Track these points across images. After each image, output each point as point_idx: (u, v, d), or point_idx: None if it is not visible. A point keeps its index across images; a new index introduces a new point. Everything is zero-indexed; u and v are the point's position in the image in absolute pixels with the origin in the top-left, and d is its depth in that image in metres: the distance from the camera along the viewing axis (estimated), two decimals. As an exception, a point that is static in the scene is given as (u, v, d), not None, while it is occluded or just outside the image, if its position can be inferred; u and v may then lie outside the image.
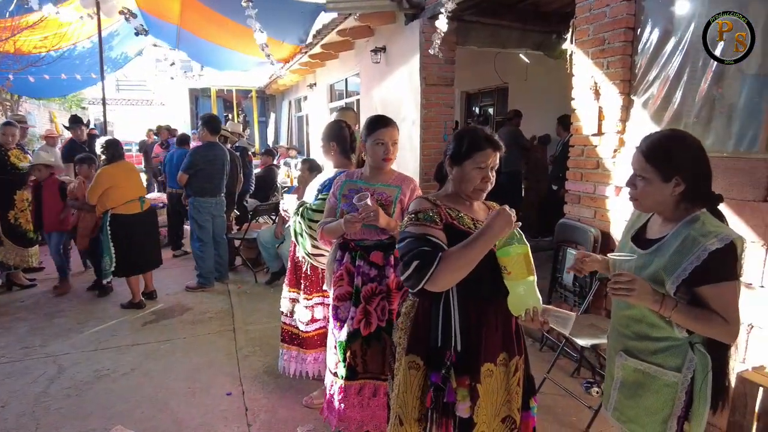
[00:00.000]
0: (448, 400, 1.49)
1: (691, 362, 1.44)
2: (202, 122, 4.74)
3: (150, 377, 3.18)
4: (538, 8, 5.73)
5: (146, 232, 4.34)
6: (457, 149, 1.60)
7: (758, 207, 2.33)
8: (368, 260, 2.22)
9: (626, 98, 2.98)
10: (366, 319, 2.18)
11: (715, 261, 1.33)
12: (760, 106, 2.37)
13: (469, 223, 1.58)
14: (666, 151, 1.42)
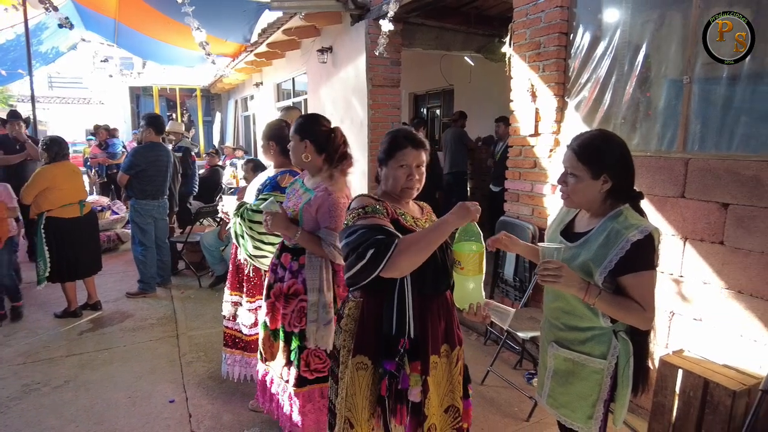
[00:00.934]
0: (402, 386, 1.50)
1: (615, 349, 1.53)
2: (146, 122, 4.55)
3: (86, 389, 3.03)
4: (481, 12, 5.90)
5: (85, 236, 4.12)
6: (382, 150, 1.64)
7: (677, 202, 2.50)
8: (280, 260, 2.23)
9: (561, 100, 3.12)
10: (273, 314, 2.21)
11: (637, 251, 1.43)
12: (677, 108, 2.55)
13: (410, 220, 1.61)
14: (596, 150, 1.50)
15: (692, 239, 2.45)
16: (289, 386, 2.15)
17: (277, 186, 2.54)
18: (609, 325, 1.53)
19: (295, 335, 2.11)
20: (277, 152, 2.66)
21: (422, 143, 1.62)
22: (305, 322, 2.07)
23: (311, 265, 2.08)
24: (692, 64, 2.46)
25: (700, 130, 2.48)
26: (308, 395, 2.14)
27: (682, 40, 2.52)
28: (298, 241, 2.05)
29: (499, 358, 3.20)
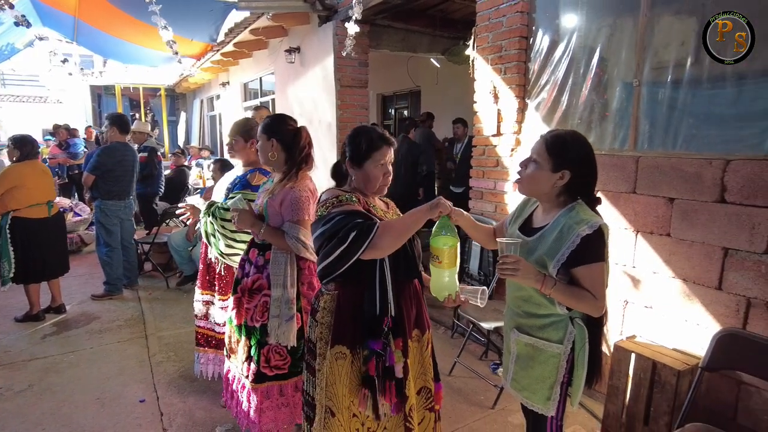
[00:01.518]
0: (389, 363, 1.54)
1: (571, 335, 1.64)
2: (110, 121, 4.48)
3: (52, 392, 2.98)
4: (446, 15, 6.04)
5: (52, 237, 4.02)
6: (356, 151, 1.65)
7: (629, 198, 2.67)
8: (248, 255, 2.27)
9: (521, 102, 3.27)
10: (239, 309, 2.24)
11: (587, 245, 1.51)
12: (628, 110, 2.72)
13: (381, 212, 1.69)
14: (564, 145, 1.58)
15: (643, 232, 2.62)
16: (247, 382, 2.18)
17: (247, 184, 2.57)
18: (565, 312, 1.63)
19: (256, 330, 2.14)
20: (254, 150, 2.66)
21: (394, 142, 1.69)
22: (267, 317, 2.11)
23: (276, 261, 2.11)
24: (641, 68, 2.64)
25: (648, 130, 2.65)
26: (266, 392, 2.16)
27: (632, 45, 2.69)
28: (264, 236, 2.10)
29: (466, 350, 3.32)
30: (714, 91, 2.37)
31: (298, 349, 2.14)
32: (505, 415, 2.75)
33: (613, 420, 2.49)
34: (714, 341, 1.99)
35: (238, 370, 2.28)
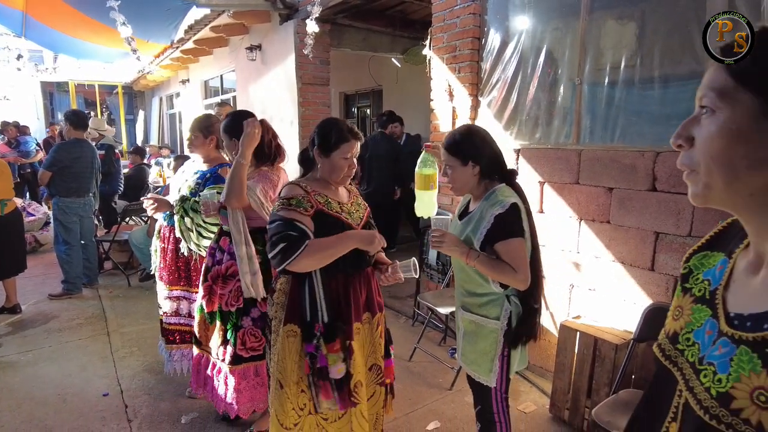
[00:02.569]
0: (321, 365, 1.70)
1: (507, 311, 1.80)
2: (65, 118, 4.44)
3: (10, 390, 2.95)
4: (405, 16, 6.19)
5: (3, 236, 3.92)
6: (325, 141, 1.76)
7: (573, 188, 2.87)
8: (219, 243, 2.36)
9: (474, 99, 3.44)
10: (209, 297, 2.32)
11: (500, 223, 1.71)
12: (572, 106, 2.92)
13: (336, 207, 1.79)
14: (457, 142, 1.80)
15: (586, 219, 2.82)
16: (224, 365, 2.27)
17: (219, 178, 2.59)
18: (501, 290, 1.79)
19: (232, 314, 2.24)
20: (214, 146, 2.72)
21: (361, 136, 1.81)
22: (242, 301, 2.21)
23: (234, 219, 2.19)
24: (582, 68, 2.84)
25: (589, 125, 2.86)
26: (243, 373, 2.27)
27: (574, 47, 2.90)
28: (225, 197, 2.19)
29: (425, 337, 3.47)
30: (645, 92, 2.59)
31: None
32: (462, 396, 2.91)
33: (560, 394, 2.68)
34: (643, 315, 2.20)
35: (213, 354, 2.34)
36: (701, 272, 0.71)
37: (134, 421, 2.64)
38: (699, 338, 0.65)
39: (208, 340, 2.35)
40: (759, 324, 0.57)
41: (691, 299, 0.70)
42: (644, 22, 2.63)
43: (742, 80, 0.57)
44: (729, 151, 0.58)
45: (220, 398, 2.30)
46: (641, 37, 2.61)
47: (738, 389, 0.55)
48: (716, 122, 0.59)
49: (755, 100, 0.56)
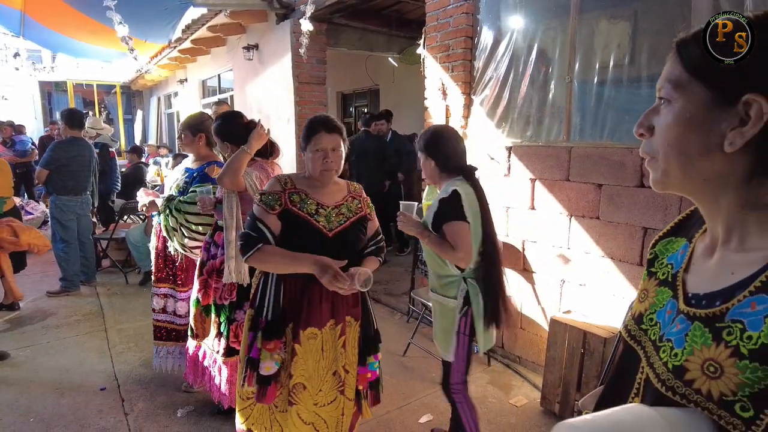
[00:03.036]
0: (252, 356, 1.72)
1: (462, 291, 2.00)
2: (61, 116, 4.50)
3: (7, 384, 2.98)
4: (401, 16, 6.23)
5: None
6: (303, 137, 1.78)
7: (563, 185, 2.91)
8: (213, 238, 2.41)
9: (467, 98, 3.48)
10: (205, 290, 2.38)
11: (443, 207, 1.96)
12: (562, 104, 2.97)
13: (311, 207, 1.72)
14: (422, 139, 2.10)
15: (576, 216, 2.87)
16: (219, 357, 2.31)
17: (206, 177, 2.65)
18: (458, 272, 2.00)
19: (225, 308, 2.28)
20: (204, 143, 2.75)
21: (336, 128, 1.74)
22: (235, 295, 2.25)
23: (228, 203, 2.25)
24: (572, 67, 2.89)
25: (579, 123, 2.90)
26: (235, 365, 2.30)
27: (565, 46, 2.94)
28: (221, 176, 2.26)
29: (419, 333, 3.51)
30: (633, 90, 2.65)
31: None
32: (455, 389, 2.95)
33: (551, 387, 2.72)
34: (630, 307, 2.24)
35: (208, 347, 2.39)
36: (666, 257, 0.75)
37: (131, 415, 2.67)
38: (660, 318, 0.69)
39: (205, 333, 2.39)
40: (712, 301, 0.61)
41: (656, 282, 0.74)
42: (633, 23, 2.68)
43: (694, 73, 0.61)
44: (683, 138, 0.62)
45: (216, 388, 2.35)
46: (630, 37, 2.66)
47: (691, 362, 0.59)
48: (672, 111, 0.62)
49: (706, 91, 0.60)
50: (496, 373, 3.16)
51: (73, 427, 2.57)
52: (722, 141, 0.58)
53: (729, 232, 0.64)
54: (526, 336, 3.21)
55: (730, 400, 0.54)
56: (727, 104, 0.58)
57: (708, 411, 0.56)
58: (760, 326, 0.53)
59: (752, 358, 0.53)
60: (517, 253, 3.18)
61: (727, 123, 0.58)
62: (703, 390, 0.57)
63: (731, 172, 0.60)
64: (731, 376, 0.54)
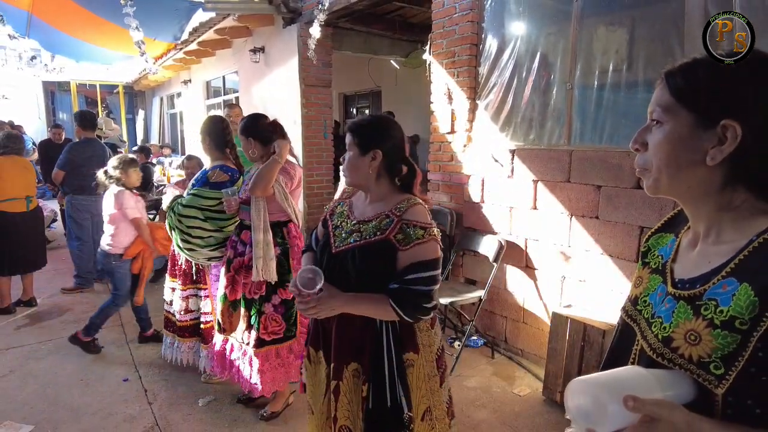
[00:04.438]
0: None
1: None
2: (74, 119, 4.67)
3: (34, 376, 3.12)
4: (405, 20, 6.37)
5: (29, 232, 4.10)
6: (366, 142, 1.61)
7: (564, 186, 3.07)
8: (240, 237, 2.55)
9: (472, 102, 3.63)
10: (232, 286, 2.52)
11: None
12: (563, 109, 3.12)
13: (338, 220, 1.57)
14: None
15: (576, 215, 3.02)
16: (249, 348, 2.46)
17: (206, 181, 2.73)
18: None
19: (255, 301, 2.43)
20: (211, 147, 2.84)
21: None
22: (264, 289, 2.40)
23: (256, 207, 2.39)
24: (573, 73, 3.05)
25: (580, 127, 3.06)
26: (266, 355, 2.46)
27: (566, 53, 3.10)
28: (261, 169, 2.39)
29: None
30: (631, 95, 2.80)
31: (291, 316, 2.43)
32: (461, 380, 3.10)
33: (552, 378, 2.88)
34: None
35: (237, 339, 2.53)
36: (657, 249, 0.90)
37: (154, 404, 2.82)
38: (653, 299, 0.83)
39: (232, 328, 2.53)
40: (693, 285, 0.75)
41: (649, 271, 0.89)
42: (631, 30, 2.83)
43: (680, 100, 0.73)
44: (672, 154, 0.74)
45: (245, 379, 2.49)
46: (628, 44, 2.82)
47: (676, 333, 0.73)
48: (663, 132, 0.75)
49: (690, 115, 0.72)
50: (499, 365, 3.32)
51: (101, 414, 2.71)
52: (704, 157, 0.71)
53: (708, 229, 0.77)
54: (528, 330, 3.37)
55: (706, 361, 0.68)
56: (708, 127, 0.71)
57: (689, 371, 0.70)
58: (729, 302, 0.68)
59: (723, 327, 0.67)
60: (520, 251, 3.34)
61: (708, 142, 0.71)
62: (686, 354, 0.70)
63: (710, 182, 0.73)
64: (707, 342, 0.68)
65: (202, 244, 2.70)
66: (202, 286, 2.90)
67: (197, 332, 2.96)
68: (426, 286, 1.39)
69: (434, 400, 1.53)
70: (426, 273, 1.39)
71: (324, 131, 5.91)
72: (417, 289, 1.38)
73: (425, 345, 1.51)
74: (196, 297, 2.94)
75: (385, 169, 1.52)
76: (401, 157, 1.55)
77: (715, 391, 0.67)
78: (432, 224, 1.46)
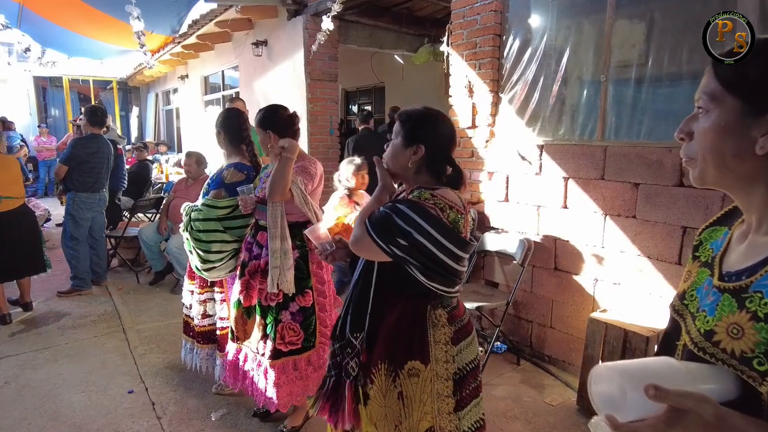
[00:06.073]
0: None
1: None
2: (84, 113, 4.51)
3: (31, 388, 2.90)
4: (412, 13, 6.19)
5: (15, 234, 3.75)
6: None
7: (598, 184, 2.90)
8: (256, 239, 2.35)
9: (495, 96, 3.45)
10: (247, 291, 2.32)
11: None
12: (596, 103, 2.96)
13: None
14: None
15: (611, 215, 2.86)
16: (264, 359, 2.26)
17: (221, 183, 2.55)
18: None
19: (272, 309, 2.23)
20: (226, 142, 2.67)
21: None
22: (281, 296, 2.20)
23: (273, 212, 2.18)
24: (607, 66, 2.88)
25: (615, 121, 2.89)
26: (282, 367, 2.26)
27: (600, 45, 2.93)
28: (277, 167, 2.13)
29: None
30: (673, 88, 2.64)
31: (309, 325, 2.24)
32: (489, 389, 2.93)
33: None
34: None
35: (252, 349, 2.33)
36: (709, 243, 0.86)
37: (164, 418, 2.61)
38: (699, 293, 0.80)
39: (246, 336, 2.34)
40: (739, 277, 0.72)
41: (698, 264, 0.85)
42: (674, 17, 2.65)
43: (728, 87, 0.70)
44: (719, 143, 0.71)
45: (260, 392, 2.29)
46: (670, 32, 2.64)
47: (719, 326, 0.70)
48: (709, 120, 0.72)
49: (738, 102, 0.69)
50: (527, 373, 3.15)
51: (107, 430, 2.51)
52: (753, 145, 0.68)
53: (759, 220, 0.74)
54: (556, 335, 3.20)
55: (749, 356, 0.65)
56: (757, 115, 0.68)
57: (732, 367, 0.67)
58: None
59: (767, 321, 0.64)
60: (549, 252, 3.17)
61: (757, 130, 0.68)
62: (728, 349, 0.68)
63: (760, 171, 0.71)
64: (750, 336, 0.65)
65: (222, 258, 2.49)
66: (219, 290, 2.68)
67: (214, 338, 2.75)
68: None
69: (441, 422, 1.40)
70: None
71: (330, 127, 5.71)
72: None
73: (439, 360, 1.39)
74: (213, 301, 2.72)
75: (426, 165, 1.44)
76: (445, 156, 1.46)
77: (760, 389, 0.64)
78: (451, 204, 1.33)
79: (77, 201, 4.29)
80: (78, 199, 4.29)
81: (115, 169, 5.98)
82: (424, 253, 1.29)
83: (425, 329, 1.39)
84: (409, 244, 1.28)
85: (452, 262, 1.33)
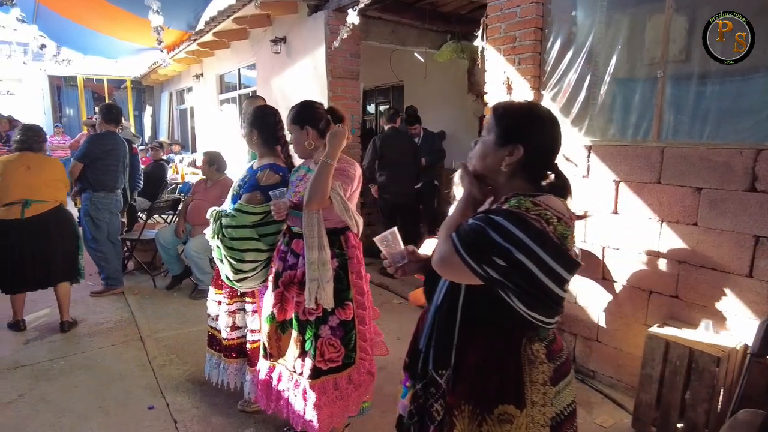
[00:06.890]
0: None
1: None
2: (101, 110, 4.36)
3: (46, 402, 2.74)
4: (436, 9, 5.98)
5: (32, 243, 3.43)
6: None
7: (653, 188, 2.68)
8: (291, 247, 2.16)
9: (536, 93, 3.23)
10: (281, 304, 2.13)
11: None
12: (652, 101, 2.73)
13: None
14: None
15: (668, 221, 2.63)
16: (303, 379, 2.06)
17: (256, 185, 2.36)
18: None
19: (311, 323, 2.03)
20: (259, 142, 2.48)
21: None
22: (321, 309, 2.01)
23: (309, 221, 2.00)
24: (665, 58, 2.65)
25: (673, 120, 2.66)
26: (323, 387, 2.06)
27: (655, 37, 2.70)
28: (319, 169, 1.96)
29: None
30: (744, 83, 2.40)
31: (350, 340, 2.04)
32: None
33: (645, 409, 2.49)
34: (765, 327, 2.00)
35: (287, 368, 2.14)
36: None
37: (187, 438, 2.44)
38: None
39: (281, 353, 2.14)
40: None
41: None
42: (746, 3, 2.42)
43: None
44: None
45: (298, 415, 2.09)
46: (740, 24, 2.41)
47: None
48: None
49: None
50: (572, 390, 2.93)
51: (127, 452, 2.33)
52: None
53: None
54: (603, 350, 2.98)
55: None
56: None
57: None
58: None
59: None
60: (596, 261, 2.95)
61: None
62: None
63: None
64: None
65: (256, 267, 2.30)
66: (250, 300, 2.48)
67: (244, 352, 2.55)
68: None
69: None
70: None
71: (352, 127, 5.52)
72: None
73: (536, 403, 1.18)
74: (243, 312, 2.53)
75: (523, 169, 1.22)
76: (547, 162, 1.25)
77: None
78: (559, 214, 1.12)
79: (95, 201, 4.13)
80: (95, 199, 4.13)
81: (131, 168, 5.86)
82: (525, 275, 1.07)
83: (520, 367, 1.17)
84: (508, 265, 1.06)
85: (556, 287, 1.11)
